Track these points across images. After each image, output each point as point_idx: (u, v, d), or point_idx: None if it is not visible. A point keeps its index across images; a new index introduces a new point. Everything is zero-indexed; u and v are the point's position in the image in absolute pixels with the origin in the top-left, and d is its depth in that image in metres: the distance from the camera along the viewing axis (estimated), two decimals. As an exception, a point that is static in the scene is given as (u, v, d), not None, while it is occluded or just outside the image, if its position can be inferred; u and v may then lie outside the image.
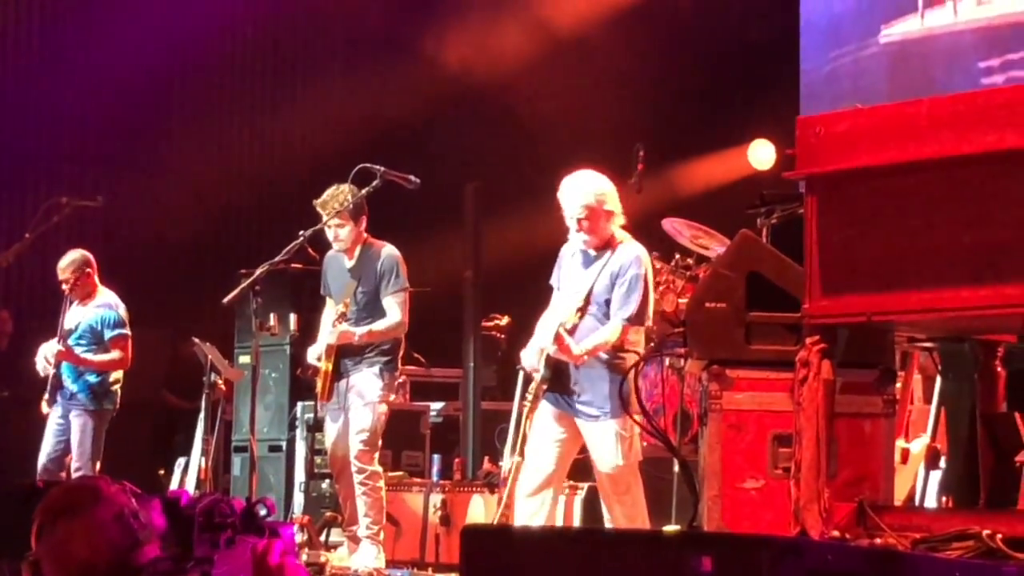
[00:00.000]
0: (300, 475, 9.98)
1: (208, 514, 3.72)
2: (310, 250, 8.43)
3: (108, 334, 9.68)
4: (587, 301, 7.51)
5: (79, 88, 12.42)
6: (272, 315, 9.99)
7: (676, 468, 7.64)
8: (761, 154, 11.51)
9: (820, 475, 5.03)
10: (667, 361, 8.89)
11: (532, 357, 7.57)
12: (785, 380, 5.38)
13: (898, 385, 6.20)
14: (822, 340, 5.13)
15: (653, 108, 11.94)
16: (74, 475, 9.52)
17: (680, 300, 8.78)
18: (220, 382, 9.83)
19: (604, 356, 7.46)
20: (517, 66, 12.13)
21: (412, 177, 7.82)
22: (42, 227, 9.31)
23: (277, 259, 8.04)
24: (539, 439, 7.49)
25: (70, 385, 9.67)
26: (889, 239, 5.02)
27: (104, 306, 9.76)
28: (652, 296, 7.71)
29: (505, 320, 11.08)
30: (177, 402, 12.11)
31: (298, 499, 9.91)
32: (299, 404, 10.17)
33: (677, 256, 9.30)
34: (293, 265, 8.59)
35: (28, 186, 11.69)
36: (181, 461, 10.41)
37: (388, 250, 8.47)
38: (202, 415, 9.77)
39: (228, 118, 12.68)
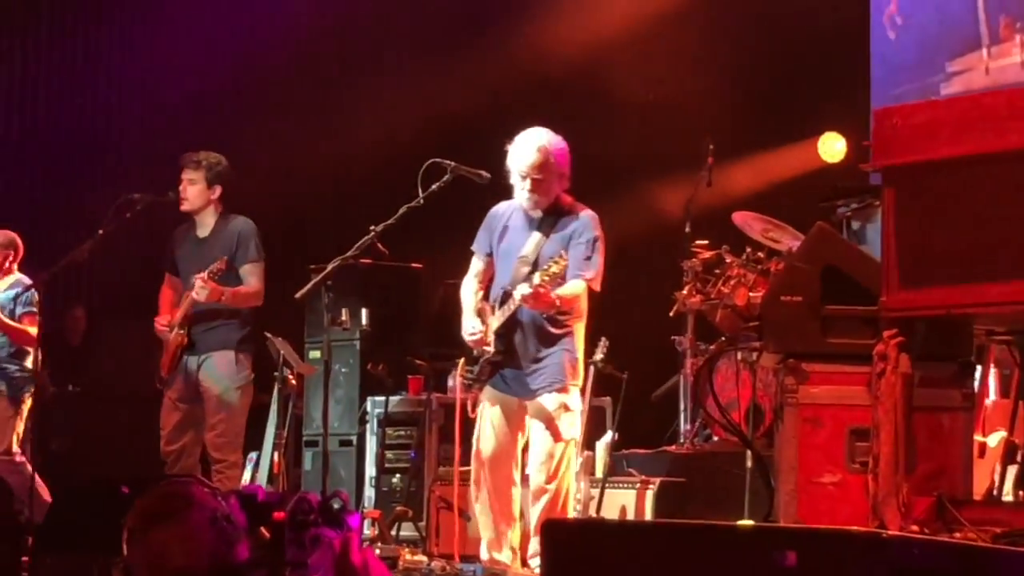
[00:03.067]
0: (371, 470, 10.02)
1: (291, 514, 3.72)
2: (380, 245, 8.40)
3: (19, 311, 9.54)
4: (534, 267, 7.17)
5: (150, 86, 12.51)
6: (343, 310, 10.00)
7: (749, 462, 7.59)
8: (832, 147, 11.45)
9: (899, 469, 5.01)
10: (739, 355, 8.86)
11: (475, 325, 7.26)
12: (862, 374, 5.36)
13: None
14: (900, 333, 5.10)
15: (723, 102, 11.87)
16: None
17: (751, 294, 8.74)
18: (291, 377, 9.84)
19: (551, 326, 7.16)
20: (585, 61, 12.10)
21: (483, 172, 7.79)
22: (115, 224, 9.32)
23: (348, 254, 8.02)
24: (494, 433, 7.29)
25: None
26: (968, 231, 4.99)
27: (17, 285, 9.63)
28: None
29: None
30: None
31: (369, 493, 9.93)
32: (369, 399, 10.20)
33: (748, 250, 9.24)
34: (363, 260, 8.57)
35: (100, 183, 11.76)
36: (252, 455, 10.45)
37: (245, 221, 8.76)
38: (274, 409, 9.79)
39: (295, 114, 12.69)
